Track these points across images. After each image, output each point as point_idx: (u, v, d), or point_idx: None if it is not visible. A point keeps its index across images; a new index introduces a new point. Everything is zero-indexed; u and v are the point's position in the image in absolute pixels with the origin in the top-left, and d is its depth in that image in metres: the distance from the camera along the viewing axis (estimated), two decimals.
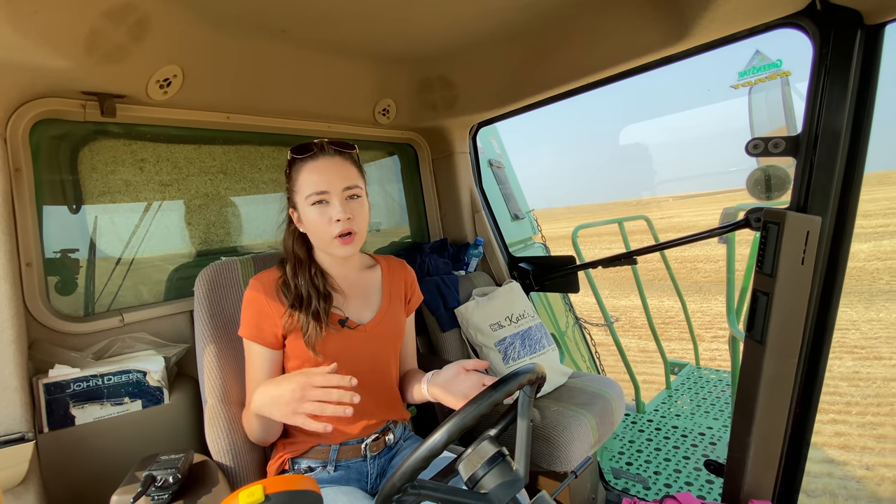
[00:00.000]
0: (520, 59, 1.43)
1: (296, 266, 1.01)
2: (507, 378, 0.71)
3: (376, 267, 1.15)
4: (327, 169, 0.95)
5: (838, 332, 4.78)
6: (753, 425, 1.03)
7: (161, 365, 1.09)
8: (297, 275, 0.99)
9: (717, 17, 1.08)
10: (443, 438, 0.62)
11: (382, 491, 0.62)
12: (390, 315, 1.09)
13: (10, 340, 0.88)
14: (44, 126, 1.08)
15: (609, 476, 2.06)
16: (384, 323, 1.07)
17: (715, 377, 3.20)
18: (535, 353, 1.62)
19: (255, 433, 0.97)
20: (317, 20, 1.13)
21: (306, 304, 0.96)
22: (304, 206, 0.96)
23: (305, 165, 0.96)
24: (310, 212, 0.95)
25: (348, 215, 0.94)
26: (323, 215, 0.95)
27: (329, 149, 0.98)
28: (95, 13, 0.85)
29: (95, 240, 1.20)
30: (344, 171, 0.97)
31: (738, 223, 1.24)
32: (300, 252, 1.03)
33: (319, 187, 0.94)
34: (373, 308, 1.08)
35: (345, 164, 0.98)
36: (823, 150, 1.01)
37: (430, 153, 1.98)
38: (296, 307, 0.95)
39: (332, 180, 0.94)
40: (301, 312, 0.95)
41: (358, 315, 1.05)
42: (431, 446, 0.62)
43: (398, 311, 1.12)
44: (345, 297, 1.05)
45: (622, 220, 3.33)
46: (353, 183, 0.97)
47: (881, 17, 0.93)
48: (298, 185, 0.97)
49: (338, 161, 0.98)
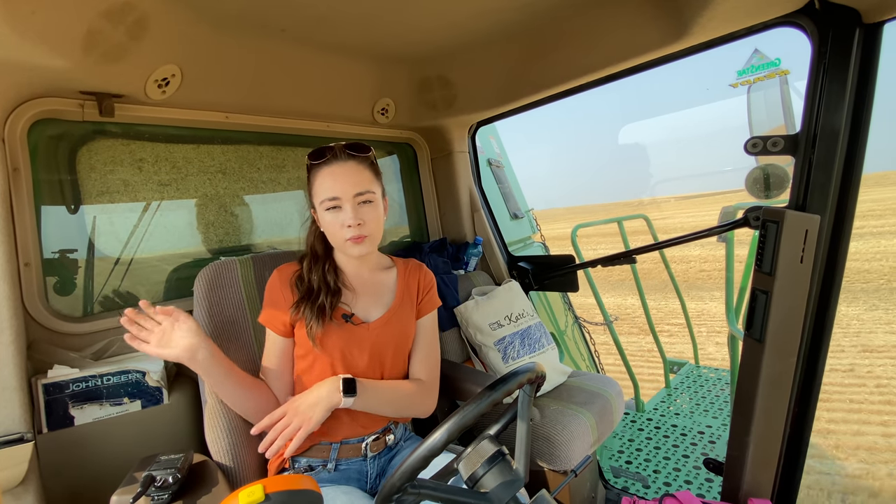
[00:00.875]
0: (518, 58, 1.43)
1: (311, 262, 1.06)
2: (506, 378, 0.71)
3: (393, 269, 1.16)
4: (340, 175, 0.97)
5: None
6: (752, 424, 1.03)
7: (160, 365, 1.09)
8: (311, 269, 1.05)
9: (715, 16, 1.08)
10: (442, 438, 0.62)
11: (382, 490, 0.62)
12: (399, 316, 1.09)
13: (9, 341, 0.88)
14: (42, 126, 1.08)
15: (609, 475, 2.06)
16: (391, 323, 1.07)
17: (714, 376, 3.20)
18: (534, 352, 1.62)
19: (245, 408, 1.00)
20: (316, 20, 1.13)
21: (315, 297, 1.00)
22: (320, 210, 1.00)
23: (320, 171, 0.99)
24: (325, 216, 0.99)
25: (359, 221, 0.96)
26: (335, 220, 0.98)
27: (343, 154, 0.99)
28: (94, 13, 0.85)
29: (94, 240, 1.20)
30: (357, 176, 0.98)
31: (737, 222, 1.24)
32: (318, 249, 1.08)
33: (331, 193, 0.97)
34: (382, 308, 1.09)
35: (358, 168, 0.99)
36: (822, 148, 1.01)
37: (429, 152, 1.98)
38: (304, 299, 1.00)
39: (343, 187, 0.96)
40: (307, 304, 0.99)
41: (365, 313, 1.06)
42: (431, 446, 0.62)
43: (409, 314, 1.12)
44: (355, 294, 1.08)
45: (621, 220, 3.33)
46: (364, 188, 0.98)
47: (879, 16, 0.93)
48: (314, 189, 1.01)
49: (351, 166, 0.98)
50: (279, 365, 1.03)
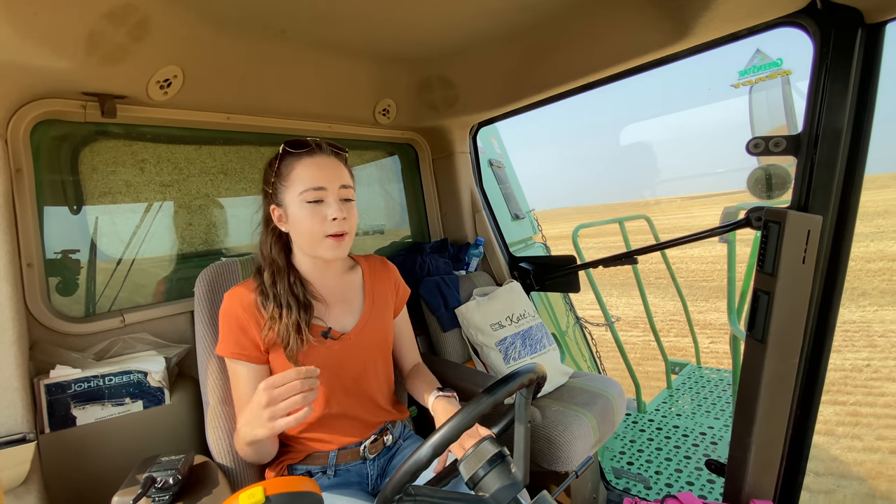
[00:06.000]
0: (520, 58, 1.43)
1: (274, 273, 0.96)
2: (506, 380, 0.71)
3: (357, 268, 1.13)
4: (326, 166, 0.94)
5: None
6: (755, 425, 1.03)
7: (162, 365, 1.09)
8: (275, 283, 0.95)
9: (717, 16, 1.07)
10: (443, 439, 0.62)
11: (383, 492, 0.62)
12: (374, 319, 1.06)
13: (12, 341, 0.89)
14: (44, 127, 1.08)
15: (610, 476, 2.05)
16: (368, 328, 1.04)
17: (716, 377, 3.19)
18: (535, 352, 1.61)
19: (250, 457, 0.92)
20: (316, 21, 1.13)
21: (286, 314, 0.92)
22: (294, 202, 0.92)
23: (301, 161, 0.93)
24: (302, 208, 0.91)
25: (344, 215, 0.92)
26: (316, 214, 0.91)
27: (326, 148, 0.98)
28: (96, 14, 0.86)
29: (96, 240, 1.20)
30: (340, 170, 0.97)
31: (739, 222, 1.23)
32: (278, 258, 0.99)
33: (317, 183, 0.91)
34: (355, 314, 1.05)
35: (340, 165, 0.98)
36: (824, 148, 1.01)
37: (430, 153, 1.98)
38: (275, 319, 0.91)
39: (330, 178, 0.93)
40: (281, 324, 0.91)
41: (340, 323, 1.02)
42: (421, 455, 0.61)
43: (383, 314, 1.09)
44: (326, 305, 1.01)
45: (622, 220, 3.33)
46: (348, 184, 0.97)
47: (882, 16, 0.93)
48: (291, 179, 0.92)
49: (334, 161, 0.97)
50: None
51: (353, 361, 1.01)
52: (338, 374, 0.98)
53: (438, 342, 1.67)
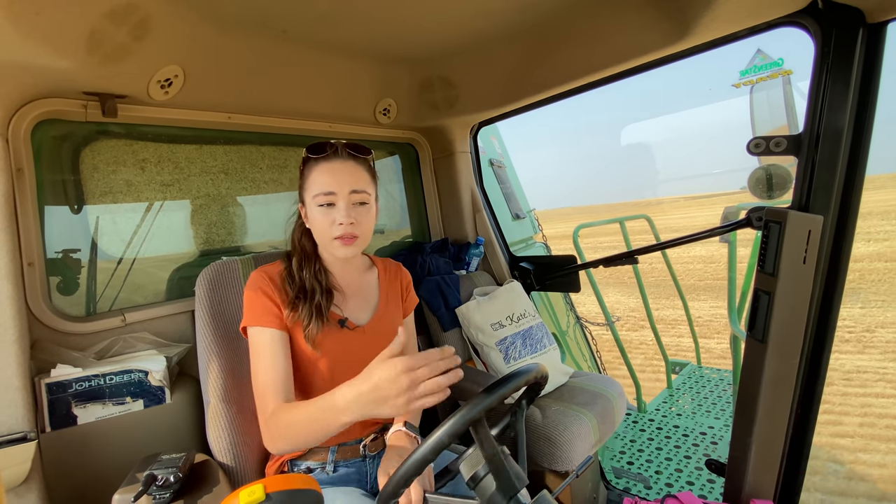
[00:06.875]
0: (520, 58, 1.43)
1: (302, 259, 1.03)
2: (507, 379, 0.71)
3: (373, 269, 1.16)
4: (339, 171, 0.96)
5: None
6: (755, 425, 1.03)
7: (163, 364, 1.09)
8: (302, 268, 1.01)
9: (718, 16, 1.07)
10: (443, 440, 0.62)
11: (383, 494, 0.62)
12: (387, 317, 1.10)
13: (13, 340, 0.89)
14: (46, 126, 1.08)
15: (610, 475, 2.05)
16: (382, 324, 1.07)
17: (716, 376, 3.19)
18: (536, 352, 1.61)
19: (298, 441, 0.84)
20: (317, 20, 1.13)
21: (310, 296, 0.97)
22: (311, 205, 0.97)
23: (318, 165, 0.97)
24: (315, 211, 0.96)
25: (351, 220, 0.94)
26: (326, 216, 0.95)
27: (343, 152, 0.98)
28: (97, 14, 0.86)
29: (97, 240, 1.20)
30: (355, 175, 0.97)
31: (740, 222, 1.23)
32: (307, 246, 1.05)
33: (327, 188, 0.95)
34: (370, 309, 1.09)
35: (357, 168, 0.99)
36: (825, 148, 1.01)
37: (430, 153, 1.98)
38: (300, 298, 0.96)
39: (340, 183, 0.95)
40: (304, 305, 0.96)
41: (356, 315, 1.05)
42: (425, 451, 0.62)
43: (395, 314, 1.13)
44: (344, 296, 1.06)
45: (623, 220, 3.33)
46: (361, 188, 0.97)
47: (883, 16, 0.92)
48: (308, 182, 0.98)
49: (350, 165, 0.98)
50: (286, 365, 0.92)
51: (364, 353, 1.01)
52: (349, 365, 0.97)
53: (439, 342, 1.67)
